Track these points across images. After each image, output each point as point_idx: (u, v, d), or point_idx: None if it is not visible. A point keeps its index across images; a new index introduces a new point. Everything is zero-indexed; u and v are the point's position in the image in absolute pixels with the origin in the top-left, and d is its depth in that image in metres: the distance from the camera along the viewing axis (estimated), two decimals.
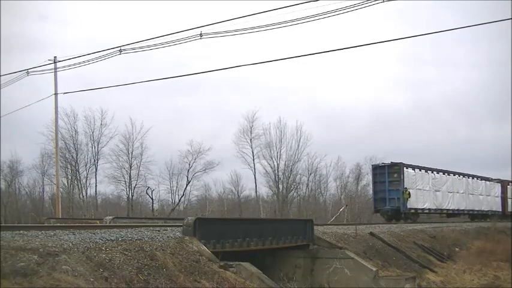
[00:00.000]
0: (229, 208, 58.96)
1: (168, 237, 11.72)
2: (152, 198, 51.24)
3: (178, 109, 78.01)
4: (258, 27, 17.93)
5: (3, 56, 74.30)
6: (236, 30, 18.42)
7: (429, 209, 35.12)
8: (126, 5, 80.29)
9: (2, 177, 51.97)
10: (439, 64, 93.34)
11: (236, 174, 57.86)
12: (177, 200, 53.85)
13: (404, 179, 32.39)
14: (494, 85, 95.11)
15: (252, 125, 53.69)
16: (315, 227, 18.11)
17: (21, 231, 9.99)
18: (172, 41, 20.18)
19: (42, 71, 29.73)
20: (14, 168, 53.33)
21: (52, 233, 10.17)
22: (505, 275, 19.89)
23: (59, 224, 16.13)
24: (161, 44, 20.59)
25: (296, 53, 48.86)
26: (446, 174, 37.13)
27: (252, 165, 53.65)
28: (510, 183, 45.58)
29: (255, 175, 54.09)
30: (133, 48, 22.22)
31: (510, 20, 14.57)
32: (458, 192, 38.06)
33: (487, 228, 31.57)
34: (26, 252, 8.13)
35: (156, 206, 53.55)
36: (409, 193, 32.11)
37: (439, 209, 36.28)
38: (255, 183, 54.90)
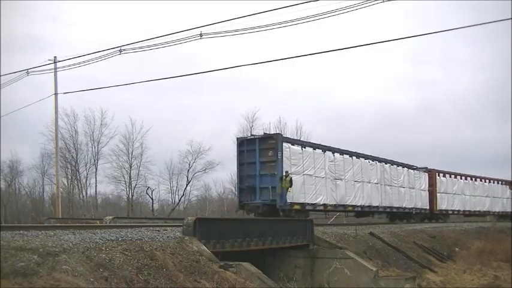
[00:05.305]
0: (229, 208, 58.82)
1: (168, 237, 11.73)
2: (152, 198, 51.17)
3: (178, 109, 77.96)
4: (258, 27, 18.01)
5: (4, 56, 74.24)
6: (236, 30, 18.49)
7: (325, 205, 24.36)
8: (126, 5, 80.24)
9: (2, 177, 51.86)
10: (444, 64, 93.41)
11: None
12: (177, 200, 53.75)
13: (284, 160, 21.66)
14: (499, 86, 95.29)
15: (252, 125, 53.31)
16: (315, 227, 18.15)
17: (21, 231, 10.00)
18: (172, 41, 20.27)
19: (42, 71, 29.79)
20: (14, 168, 53.23)
21: (52, 233, 10.18)
22: (505, 275, 19.90)
23: (59, 224, 16.15)
24: (161, 44, 20.69)
25: (297, 53, 48.87)
26: (353, 156, 26.49)
27: None
28: (440, 174, 35.28)
29: None
30: (134, 48, 22.31)
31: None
32: (370, 183, 27.42)
33: (487, 228, 31.59)
34: (26, 252, 8.13)
35: (156, 206, 53.44)
36: (291, 180, 21.46)
37: (340, 205, 25.58)
38: None
